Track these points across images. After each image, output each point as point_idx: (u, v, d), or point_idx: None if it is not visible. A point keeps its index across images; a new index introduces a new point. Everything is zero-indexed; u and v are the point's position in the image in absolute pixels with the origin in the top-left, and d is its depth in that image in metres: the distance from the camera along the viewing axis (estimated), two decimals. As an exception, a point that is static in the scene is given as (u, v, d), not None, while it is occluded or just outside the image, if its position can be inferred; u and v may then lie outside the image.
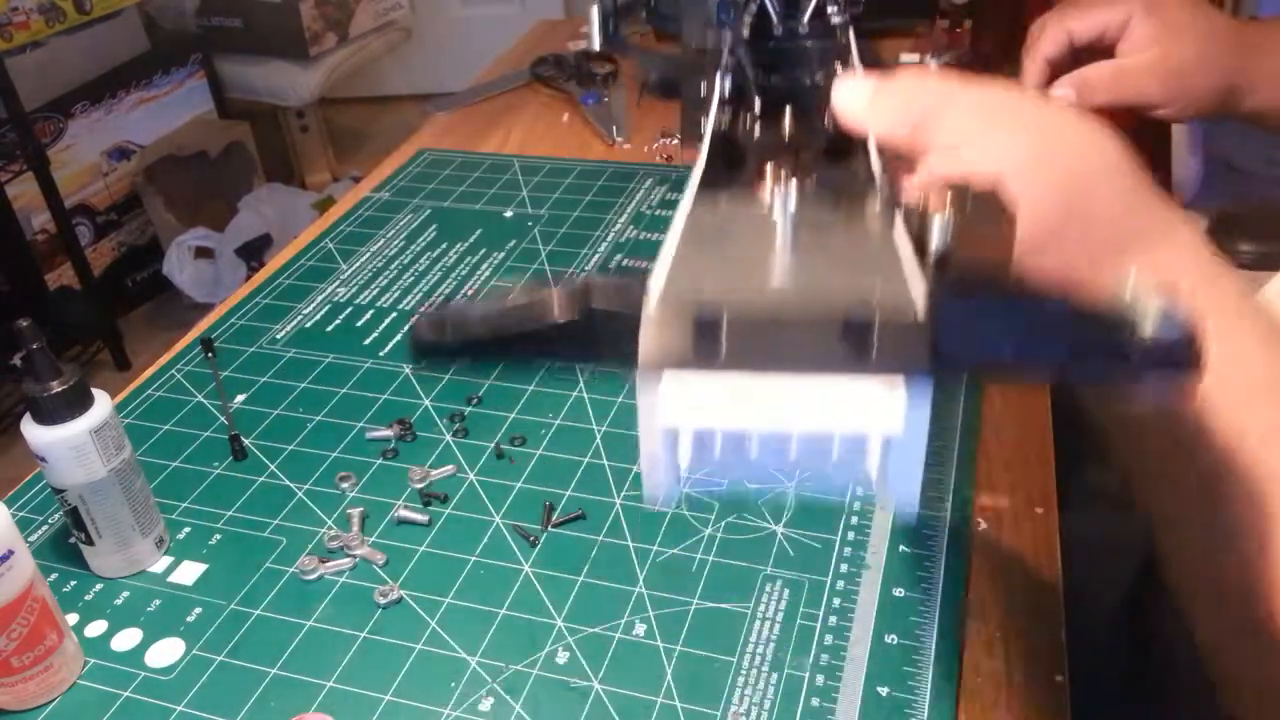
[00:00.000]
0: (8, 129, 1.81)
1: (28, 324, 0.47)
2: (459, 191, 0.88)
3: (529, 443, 0.58)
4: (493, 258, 0.77)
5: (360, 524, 0.54)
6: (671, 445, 0.25)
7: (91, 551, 0.52)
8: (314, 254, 0.80)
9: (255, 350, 0.69)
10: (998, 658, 0.45)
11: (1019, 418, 0.57)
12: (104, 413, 0.49)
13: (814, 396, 0.24)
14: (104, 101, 2.10)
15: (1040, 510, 0.51)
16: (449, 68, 2.72)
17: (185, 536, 0.54)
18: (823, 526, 0.51)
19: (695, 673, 0.45)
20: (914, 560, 0.49)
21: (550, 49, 1.14)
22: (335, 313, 0.72)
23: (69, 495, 0.49)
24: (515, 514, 0.54)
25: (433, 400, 0.63)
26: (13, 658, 0.44)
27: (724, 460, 0.26)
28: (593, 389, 0.62)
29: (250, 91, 2.43)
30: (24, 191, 1.92)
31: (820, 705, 0.43)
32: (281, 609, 0.50)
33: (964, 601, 0.47)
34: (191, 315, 2.05)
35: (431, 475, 0.56)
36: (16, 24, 1.87)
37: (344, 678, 0.46)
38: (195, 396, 0.65)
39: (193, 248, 2.12)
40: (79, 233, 2.02)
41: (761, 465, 0.26)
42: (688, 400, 0.24)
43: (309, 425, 0.61)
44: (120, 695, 0.46)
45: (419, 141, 0.99)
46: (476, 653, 0.46)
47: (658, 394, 0.24)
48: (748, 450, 0.25)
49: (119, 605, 0.51)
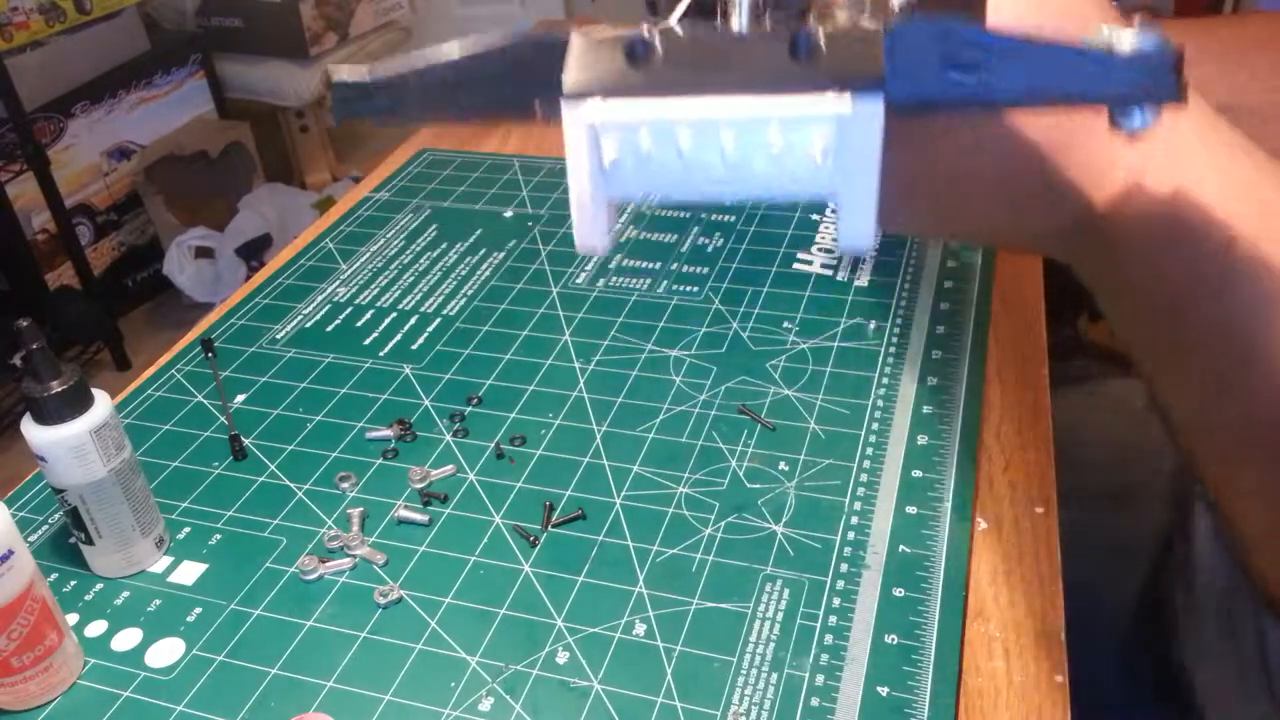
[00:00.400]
0: (8, 129, 1.81)
1: (28, 324, 0.47)
2: (459, 191, 0.88)
3: (529, 443, 0.58)
4: (493, 258, 0.77)
5: (360, 524, 0.54)
6: (596, 152, 0.24)
7: (91, 551, 0.52)
8: (314, 254, 0.80)
9: (255, 350, 0.69)
10: (998, 658, 0.45)
11: (1019, 418, 0.57)
12: (104, 413, 0.49)
13: (754, 104, 0.23)
14: (104, 101, 2.10)
15: (1040, 510, 0.51)
16: (449, 68, 2.72)
17: (185, 536, 0.54)
18: (823, 526, 0.51)
19: (695, 673, 0.45)
20: (914, 560, 0.49)
21: (550, 49, 1.14)
22: (335, 313, 0.72)
23: (69, 495, 0.49)
24: (515, 514, 0.54)
25: (433, 400, 0.63)
26: (13, 658, 0.44)
27: (654, 169, 0.24)
28: (592, 389, 0.62)
29: (250, 91, 2.43)
30: (24, 191, 1.92)
31: (820, 705, 0.43)
32: (281, 609, 0.50)
33: (964, 601, 0.47)
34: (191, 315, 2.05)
35: (431, 475, 0.56)
36: (16, 24, 1.87)
37: (344, 678, 0.46)
38: (195, 396, 0.65)
39: (193, 248, 2.12)
40: (79, 232, 2.02)
41: (697, 171, 0.24)
42: (614, 111, 0.23)
43: (309, 425, 0.61)
44: (120, 695, 0.46)
45: (419, 141, 0.99)
46: (476, 653, 0.46)
47: (582, 107, 0.23)
48: (679, 147, 0.24)
49: (119, 605, 0.51)
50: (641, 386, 0.62)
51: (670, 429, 0.58)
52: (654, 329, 0.67)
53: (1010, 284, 0.69)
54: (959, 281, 0.69)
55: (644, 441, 0.58)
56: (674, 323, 0.68)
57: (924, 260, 0.71)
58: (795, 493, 0.53)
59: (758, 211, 0.80)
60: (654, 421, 0.59)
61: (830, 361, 0.62)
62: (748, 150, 0.24)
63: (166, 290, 2.20)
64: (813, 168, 0.24)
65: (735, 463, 0.56)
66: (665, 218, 0.81)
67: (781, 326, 0.66)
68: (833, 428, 0.57)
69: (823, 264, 0.72)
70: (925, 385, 0.59)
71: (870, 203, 0.24)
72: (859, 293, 0.69)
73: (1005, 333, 0.64)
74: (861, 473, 0.54)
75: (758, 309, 0.68)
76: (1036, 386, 0.59)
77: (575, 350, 0.66)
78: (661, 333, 0.67)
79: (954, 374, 0.60)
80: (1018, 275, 0.69)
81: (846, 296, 0.68)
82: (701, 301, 0.70)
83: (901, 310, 0.66)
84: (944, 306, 0.66)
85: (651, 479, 0.55)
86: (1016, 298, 0.67)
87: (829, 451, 0.56)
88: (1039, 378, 0.60)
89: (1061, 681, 0.43)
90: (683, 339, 0.66)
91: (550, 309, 0.70)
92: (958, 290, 0.68)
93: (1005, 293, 0.68)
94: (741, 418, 0.59)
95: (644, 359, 0.64)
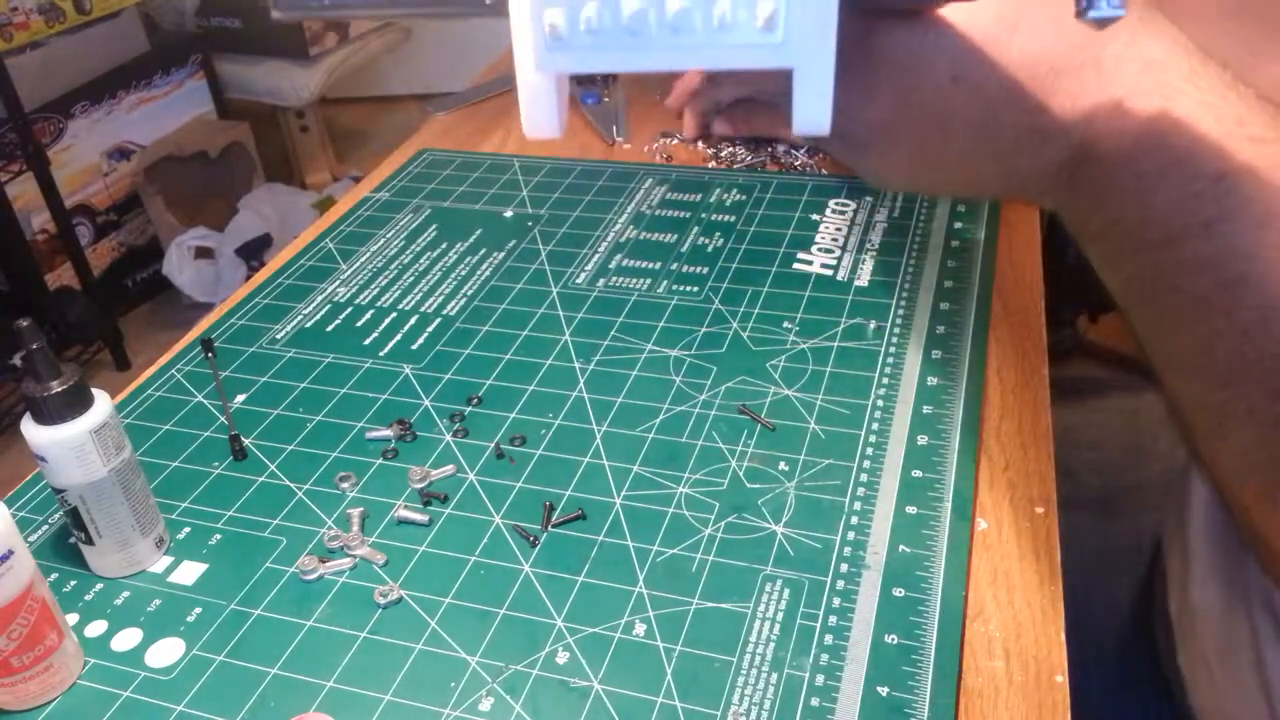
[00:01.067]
0: (8, 129, 1.81)
1: (28, 324, 0.47)
2: (459, 191, 0.88)
3: (529, 443, 0.58)
4: (493, 258, 0.77)
5: (360, 524, 0.54)
6: (540, 24, 0.24)
7: (91, 551, 0.52)
8: (314, 254, 0.80)
9: (255, 350, 0.69)
10: (998, 658, 0.45)
11: (1019, 418, 0.57)
12: (104, 413, 0.49)
13: None
14: (104, 102, 2.10)
15: (1040, 510, 0.51)
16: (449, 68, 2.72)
17: (185, 536, 0.54)
18: (823, 526, 0.51)
19: (695, 673, 0.45)
20: (914, 560, 0.49)
21: (550, 49, 1.14)
22: (335, 313, 0.72)
23: (69, 495, 0.49)
24: (515, 514, 0.54)
25: (433, 400, 0.63)
26: (13, 658, 0.44)
27: (599, 40, 0.24)
28: (592, 389, 0.62)
29: (250, 92, 2.44)
30: (24, 191, 1.92)
31: (820, 705, 0.43)
32: (281, 609, 0.50)
33: (964, 601, 0.47)
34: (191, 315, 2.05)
35: (431, 475, 0.56)
36: (16, 24, 1.87)
37: (344, 678, 0.46)
38: (195, 396, 0.65)
39: (193, 248, 2.12)
40: (79, 233, 2.02)
41: (642, 40, 0.24)
42: None
43: (309, 425, 0.61)
44: (120, 695, 0.46)
45: (419, 141, 0.99)
46: (476, 653, 0.46)
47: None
48: (620, 14, 0.24)
49: (119, 605, 0.51)
50: (641, 386, 0.62)
51: (670, 429, 0.58)
52: (654, 329, 0.67)
53: (1010, 284, 0.69)
54: (959, 282, 0.69)
55: (644, 441, 0.58)
56: (674, 323, 0.68)
57: (924, 260, 0.71)
58: (795, 493, 0.53)
59: (758, 212, 0.80)
60: (654, 421, 0.59)
61: (830, 361, 0.62)
62: (691, 17, 0.23)
63: (166, 290, 2.20)
64: (761, 36, 0.24)
65: (735, 463, 0.56)
66: (665, 218, 0.81)
67: (781, 326, 0.66)
68: (833, 428, 0.57)
69: (823, 264, 0.72)
70: (925, 385, 0.59)
71: (826, 82, 0.24)
72: (859, 293, 0.69)
73: (1005, 333, 0.64)
74: (861, 473, 0.54)
75: (758, 309, 0.68)
76: (1036, 386, 0.59)
77: (575, 350, 0.66)
78: (661, 333, 0.67)
79: (954, 374, 0.60)
80: (1018, 276, 0.70)
81: (846, 296, 0.68)
82: (701, 301, 0.70)
83: (901, 310, 0.66)
84: (944, 306, 0.66)
85: (651, 479, 0.55)
86: (1016, 298, 0.67)
87: (829, 451, 0.56)
88: (1039, 378, 0.60)
89: (1062, 681, 0.43)
90: (683, 339, 0.66)
91: (550, 309, 0.70)
92: (958, 290, 0.68)
93: (1005, 293, 0.68)
94: (741, 418, 0.59)
95: (644, 359, 0.64)
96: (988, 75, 0.34)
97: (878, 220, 0.77)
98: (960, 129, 0.35)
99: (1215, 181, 0.32)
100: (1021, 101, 0.34)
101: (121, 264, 2.20)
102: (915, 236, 0.74)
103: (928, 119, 0.35)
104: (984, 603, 0.47)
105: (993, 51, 0.33)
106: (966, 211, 0.77)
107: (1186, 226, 0.33)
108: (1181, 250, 0.33)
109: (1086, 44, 0.33)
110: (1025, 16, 0.33)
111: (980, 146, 0.36)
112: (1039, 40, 0.33)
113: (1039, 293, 0.68)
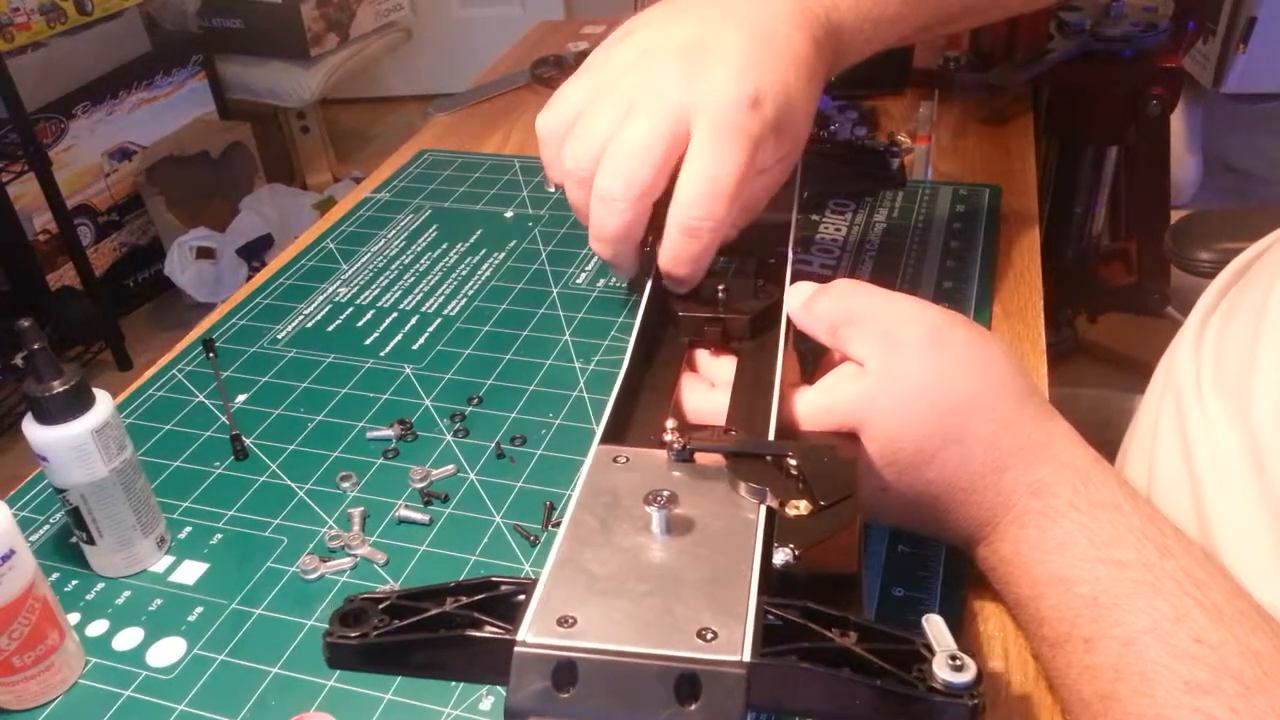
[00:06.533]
0: (9, 129, 1.81)
1: (29, 324, 0.47)
2: (459, 192, 0.88)
3: (529, 443, 0.58)
4: (493, 258, 0.77)
5: (361, 523, 0.54)
6: None
7: (93, 551, 0.52)
8: (315, 254, 0.80)
9: (256, 350, 0.69)
10: (998, 658, 0.45)
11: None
12: (105, 413, 0.49)
13: None
14: (105, 102, 2.10)
15: (1040, 510, 0.51)
16: (449, 69, 2.73)
17: (186, 536, 0.55)
18: (822, 526, 0.51)
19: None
20: (914, 560, 0.49)
21: (551, 50, 1.15)
22: (336, 313, 0.72)
23: (70, 495, 0.49)
24: (515, 514, 0.54)
25: (433, 400, 0.63)
26: (14, 657, 0.44)
27: None
28: (592, 389, 0.62)
29: (251, 92, 2.44)
30: (25, 192, 1.92)
31: (820, 704, 0.43)
32: (282, 608, 0.50)
33: (964, 601, 0.47)
34: (193, 315, 2.06)
35: (432, 475, 0.57)
36: (18, 24, 1.87)
37: (344, 677, 0.46)
38: (196, 396, 0.65)
39: (194, 248, 2.12)
40: (80, 233, 2.02)
41: None
42: None
43: (310, 425, 0.61)
44: (121, 694, 0.46)
45: (419, 142, 0.99)
46: (477, 652, 0.46)
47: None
48: None
49: (120, 605, 0.51)
50: (642, 386, 0.62)
51: (670, 429, 0.58)
52: (654, 329, 0.67)
53: (1010, 286, 0.69)
54: (959, 283, 0.69)
55: (644, 441, 0.58)
56: (674, 323, 0.68)
57: (923, 262, 0.71)
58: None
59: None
60: (654, 421, 0.59)
61: (830, 362, 0.62)
62: None
63: (168, 290, 2.20)
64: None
65: (735, 463, 0.55)
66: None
67: (781, 327, 0.66)
68: (833, 428, 0.57)
69: (822, 264, 0.72)
70: (925, 385, 0.59)
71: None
72: (859, 293, 0.69)
73: (1005, 333, 0.64)
74: (861, 473, 0.54)
75: (758, 309, 0.68)
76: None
77: (575, 350, 0.66)
78: (662, 333, 0.67)
79: (954, 374, 0.60)
80: (1018, 277, 0.70)
81: (846, 297, 0.68)
82: (702, 302, 0.69)
83: (901, 310, 0.66)
84: (944, 306, 0.66)
85: (652, 479, 0.55)
86: (1016, 298, 0.67)
87: (829, 451, 0.55)
88: (1039, 377, 0.60)
89: (1061, 681, 0.43)
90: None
91: (550, 309, 0.70)
92: (957, 291, 0.68)
93: (1005, 295, 0.68)
94: (741, 418, 0.59)
95: (644, 359, 0.64)
96: (909, 489, 0.43)
97: (877, 220, 0.78)
98: (893, 516, 0.46)
99: (1089, 603, 0.38)
100: (935, 510, 0.43)
101: (123, 264, 2.20)
102: (915, 237, 0.75)
103: (868, 508, 0.44)
104: (984, 603, 0.47)
105: (911, 477, 0.42)
106: (966, 212, 0.77)
107: (1070, 636, 0.39)
108: (1069, 655, 0.39)
109: (988, 472, 0.42)
110: (939, 454, 0.42)
111: (910, 524, 0.47)
112: (951, 470, 0.42)
113: (1039, 293, 0.68)
